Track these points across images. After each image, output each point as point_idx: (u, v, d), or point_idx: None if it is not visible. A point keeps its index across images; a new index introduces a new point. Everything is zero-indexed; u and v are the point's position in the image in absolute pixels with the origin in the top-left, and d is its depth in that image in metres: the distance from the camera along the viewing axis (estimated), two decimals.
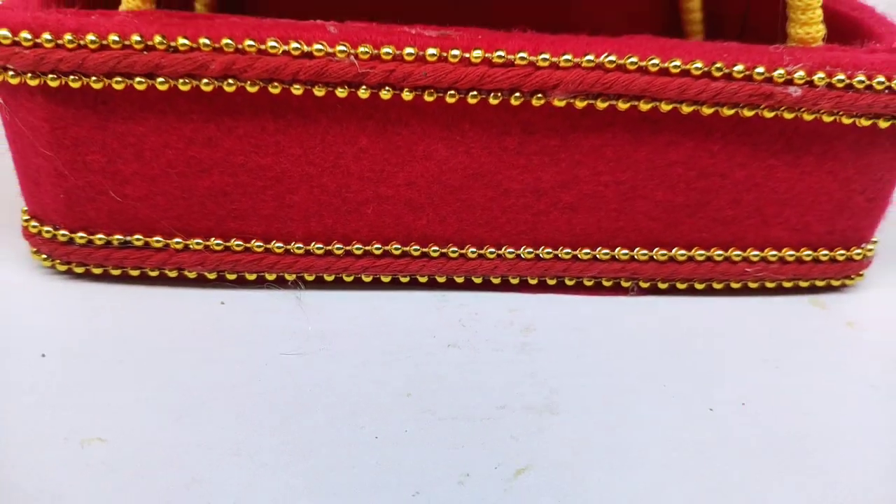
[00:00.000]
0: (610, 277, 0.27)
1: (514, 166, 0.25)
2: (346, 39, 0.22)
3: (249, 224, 0.25)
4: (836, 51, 0.24)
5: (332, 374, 0.23)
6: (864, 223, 0.27)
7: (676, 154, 0.24)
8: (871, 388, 0.24)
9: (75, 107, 0.23)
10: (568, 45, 0.22)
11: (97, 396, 0.22)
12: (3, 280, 0.27)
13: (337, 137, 0.24)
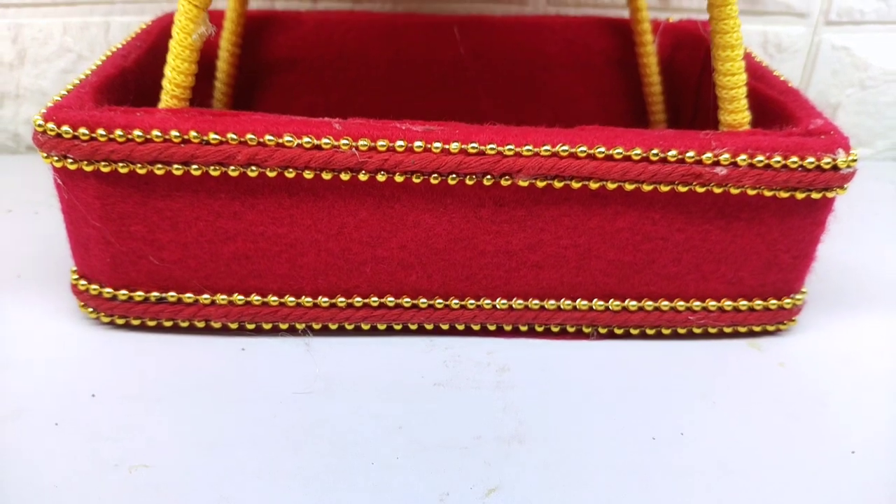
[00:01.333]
0: (573, 324, 0.31)
1: (489, 232, 0.29)
2: (348, 134, 0.27)
3: (266, 282, 0.30)
4: (758, 135, 0.29)
5: (336, 409, 0.28)
6: (792, 277, 0.31)
7: (623, 222, 0.29)
8: (795, 421, 0.29)
9: (122, 187, 0.28)
10: (529, 137, 0.27)
11: (141, 429, 0.27)
12: (55, 330, 0.32)
13: (341, 210, 0.29)
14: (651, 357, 0.31)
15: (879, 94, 0.50)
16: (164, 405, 0.28)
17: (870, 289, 0.37)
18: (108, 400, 0.28)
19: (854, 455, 0.27)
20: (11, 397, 0.28)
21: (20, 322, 0.32)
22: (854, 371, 0.31)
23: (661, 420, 0.28)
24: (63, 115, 0.27)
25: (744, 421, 0.28)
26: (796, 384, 0.30)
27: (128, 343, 0.31)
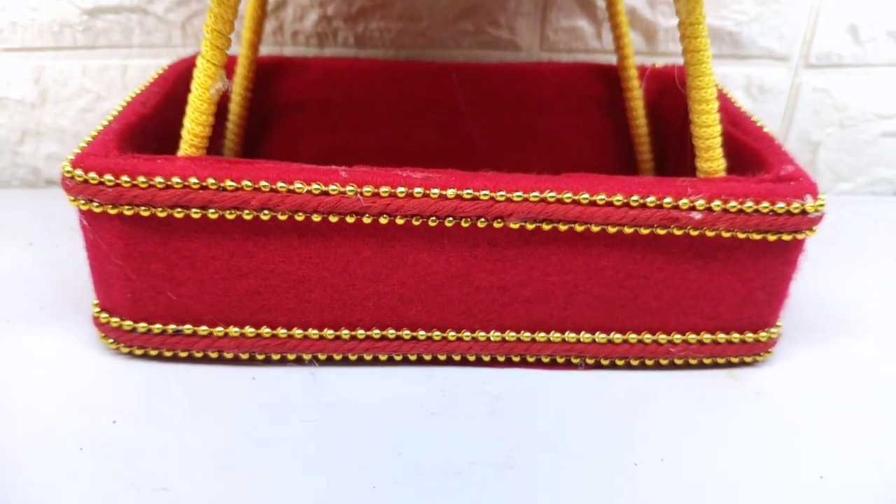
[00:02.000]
0: (562, 356, 0.34)
1: (483, 270, 0.32)
2: (353, 181, 0.29)
3: (276, 316, 0.32)
4: (732, 181, 0.31)
5: (340, 435, 0.30)
6: (766, 312, 0.34)
7: (607, 261, 0.31)
8: (769, 448, 0.31)
9: (143, 229, 0.31)
10: (519, 184, 0.30)
11: (159, 453, 0.29)
12: (78, 359, 0.34)
13: (346, 250, 0.31)
14: (635, 386, 0.33)
15: (858, 133, 0.52)
16: (181, 431, 0.30)
17: (845, 321, 0.39)
18: (129, 425, 0.30)
19: (822, 480, 0.29)
20: (38, 422, 0.30)
21: (44, 351, 0.34)
22: (826, 400, 0.33)
23: (644, 446, 0.30)
24: (90, 162, 0.30)
25: (721, 447, 0.30)
26: (771, 413, 0.33)
27: (146, 372, 0.33)
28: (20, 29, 0.46)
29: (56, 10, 0.46)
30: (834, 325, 0.39)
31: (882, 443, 0.31)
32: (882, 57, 0.50)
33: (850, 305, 0.41)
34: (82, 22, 0.46)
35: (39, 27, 0.46)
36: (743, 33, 0.48)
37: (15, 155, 0.50)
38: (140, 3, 0.46)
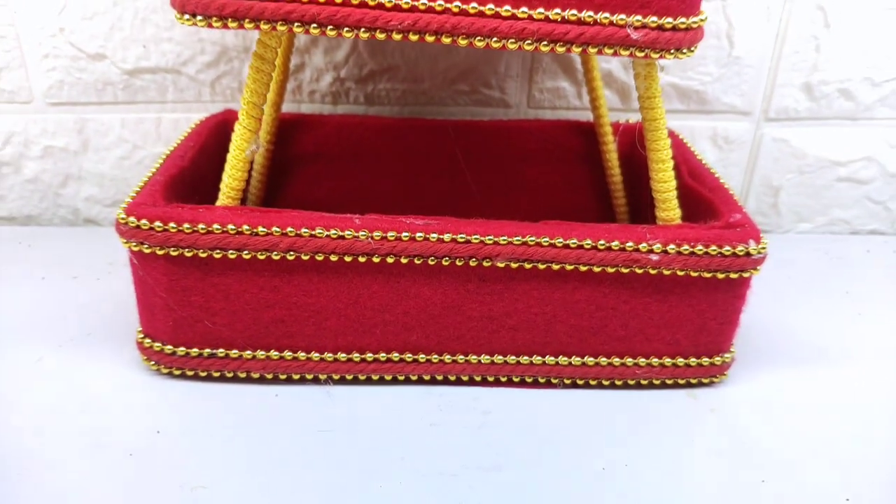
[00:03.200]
0: (543, 376, 0.39)
1: (474, 301, 0.37)
2: (365, 227, 0.35)
3: (297, 341, 0.38)
4: (686, 228, 0.37)
5: (352, 443, 0.35)
6: (720, 339, 0.39)
7: (580, 295, 0.37)
8: (721, 456, 0.36)
9: (186, 267, 0.36)
10: (505, 230, 0.35)
11: (197, 457, 0.34)
12: (123, 379, 0.39)
13: (357, 285, 0.36)
14: (605, 403, 0.39)
15: (815, 178, 0.58)
16: (215, 439, 0.35)
17: (797, 347, 0.44)
18: (171, 435, 0.35)
19: (764, 483, 0.34)
20: (93, 434, 0.35)
21: (94, 373, 0.39)
22: (772, 416, 0.38)
23: (611, 453, 0.35)
24: (141, 211, 0.35)
25: (679, 455, 0.35)
26: (724, 427, 0.38)
27: (184, 390, 0.38)
28: (67, 86, 0.52)
29: (100, 70, 0.52)
30: (786, 351, 0.44)
31: (819, 451, 0.36)
32: (834, 111, 0.56)
33: (802, 333, 0.46)
34: (123, 81, 0.52)
35: (85, 85, 0.52)
36: (708, 92, 0.54)
37: (57, 196, 0.56)
38: (174, 64, 0.52)
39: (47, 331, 0.43)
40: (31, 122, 0.53)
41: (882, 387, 0.41)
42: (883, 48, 0.54)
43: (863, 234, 0.61)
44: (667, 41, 0.31)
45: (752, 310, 0.47)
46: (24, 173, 0.55)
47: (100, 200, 0.56)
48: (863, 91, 0.55)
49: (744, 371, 0.42)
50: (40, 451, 0.34)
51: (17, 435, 0.35)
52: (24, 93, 0.52)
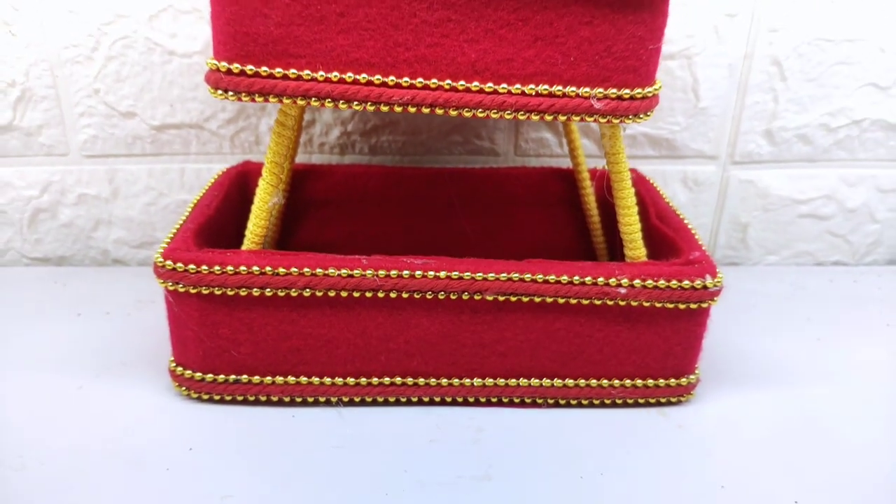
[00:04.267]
0: (529, 397, 0.44)
1: (468, 331, 0.42)
2: (371, 266, 0.40)
3: (311, 367, 0.43)
4: (650, 265, 0.42)
5: (360, 458, 0.40)
6: (685, 362, 0.44)
7: (560, 324, 0.42)
8: (687, 466, 0.40)
9: (215, 304, 0.41)
10: (493, 268, 0.40)
11: (224, 471, 0.39)
12: (157, 403, 0.44)
13: (364, 317, 0.42)
14: (584, 421, 0.43)
15: (780, 215, 0.64)
16: (241, 455, 0.40)
17: (759, 369, 0.49)
18: (202, 452, 0.40)
19: (723, 489, 0.39)
20: (133, 451, 0.40)
21: (130, 399, 0.44)
22: (733, 430, 0.43)
23: (589, 464, 0.40)
24: (176, 255, 0.41)
25: (650, 465, 0.40)
26: (690, 440, 0.42)
27: (212, 412, 0.43)
28: (100, 141, 0.58)
29: (131, 126, 0.58)
30: (749, 372, 0.49)
31: (773, 462, 0.41)
32: (794, 154, 0.62)
33: (764, 356, 0.51)
34: (151, 135, 0.58)
35: (116, 139, 0.58)
36: (677, 139, 0.60)
37: (89, 239, 0.61)
38: (198, 121, 0.58)
39: (86, 361, 0.48)
40: (67, 173, 0.59)
41: (835, 405, 0.46)
42: (835, 98, 0.60)
43: (826, 265, 0.66)
44: (626, 109, 0.37)
45: (718, 335, 0.53)
46: (60, 218, 0.61)
47: (127, 242, 0.62)
48: (819, 136, 0.61)
49: (710, 390, 0.47)
50: (86, 468, 0.39)
51: (63, 454, 0.40)
52: (61, 147, 0.58)
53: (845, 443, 0.42)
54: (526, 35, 0.35)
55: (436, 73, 0.36)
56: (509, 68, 0.36)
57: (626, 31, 0.35)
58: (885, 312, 0.58)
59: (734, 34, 0.57)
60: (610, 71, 0.36)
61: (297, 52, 0.35)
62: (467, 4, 0.34)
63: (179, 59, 0.55)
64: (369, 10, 0.34)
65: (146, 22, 0.54)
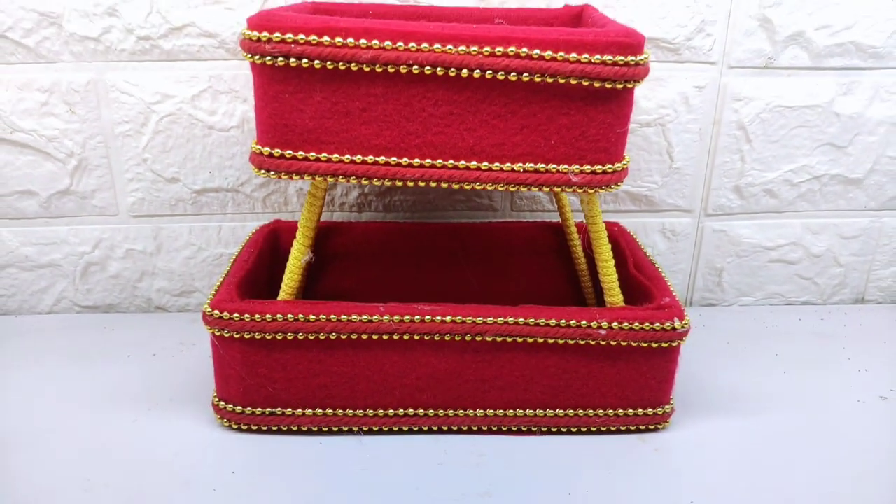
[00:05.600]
0: (524, 425, 0.51)
1: (471, 369, 0.49)
2: (388, 313, 0.47)
3: (336, 401, 0.50)
4: (626, 309, 0.49)
5: (380, 479, 0.46)
6: (660, 394, 0.51)
7: (550, 362, 0.49)
8: (661, 485, 0.47)
9: (255, 346, 0.48)
10: (491, 312, 0.47)
11: (264, 491, 0.45)
12: (202, 433, 0.51)
13: (382, 357, 0.49)
14: (572, 446, 0.50)
15: (751, 261, 0.71)
16: (276, 476, 0.47)
17: (727, 399, 0.56)
18: (243, 474, 0.47)
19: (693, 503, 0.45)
20: (183, 474, 0.47)
21: (179, 430, 0.51)
22: (704, 454, 0.50)
23: (577, 484, 0.46)
24: (222, 306, 0.48)
25: (630, 484, 0.47)
26: (666, 463, 0.49)
27: (251, 441, 0.50)
28: (146, 203, 0.66)
29: (174, 190, 0.66)
30: (720, 402, 0.55)
31: (740, 482, 0.47)
32: (762, 206, 0.69)
33: (734, 388, 0.57)
34: (192, 198, 0.66)
35: (161, 202, 0.66)
36: (655, 196, 0.68)
37: (134, 289, 0.69)
38: (233, 185, 0.66)
39: (138, 398, 0.55)
40: (117, 231, 0.67)
41: (797, 432, 0.52)
42: (796, 157, 0.67)
43: (797, 305, 0.73)
44: (599, 181, 0.44)
45: (694, 369, 0.60)
46: (109, 271, 0.68)
47: (169, 291, 0.69)
48: (784, 190, 0.69)
49: (684, 419, 0.53)
50: (144, 488, 0.46)
51: (123, 477, 0.47)
52: (112, 208, 0.66)
53: (807, 465, 0.49)
54: (514, 124, 0.43)
55: (441, 156, 0.43)
56: (501, 150, 0.43)
57: (597, 119, 0.43)
58: (847, 347, 0.65)
59: (703, 104, 0.65)
60: (585, 151, 0.44)
61: (327, 139, 0.43)
62: (466, 101, 0.42)
63: (218, 132, 0.64)
64: (386, 107, 0.42)
65: (189, 101, 0.63)
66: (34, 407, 0.54)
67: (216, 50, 0.61)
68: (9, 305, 0.69)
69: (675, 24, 0.62)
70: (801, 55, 0.64)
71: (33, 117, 0.62)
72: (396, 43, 0.41)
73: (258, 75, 0.43)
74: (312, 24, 0.41)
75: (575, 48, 0.41)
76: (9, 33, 0.60)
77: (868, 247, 0.72)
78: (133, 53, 0.61)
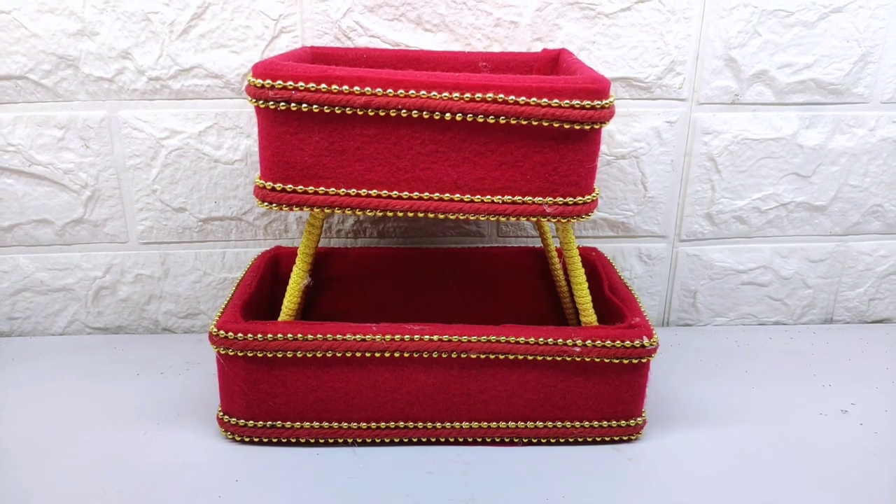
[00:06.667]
0: (507, 437, 0.54)
1: (457, 384, 0.53)
2: (380, 332, 0.52)
3: (332, 415, 0.54)
4: (599, 328, 0.53)
5: (372, 487, 0.50)
6: (632, 407, 0.55)
7: (530, 377, 0.53)
8: (634, 490, 0.51)
9: (257, 364, 0.53)
10: (475, 332, 0.52)
11: (266, 497, 0.49)
12: (208, 445, 0.55)
13: (374, 373, 0.53)
14: (551, 455, 0.54)
15: (724, 283, 0.75)
16: (276, 484, 0.50)
17: (697, 413, 0.60)
18: (246, 482, 0.51)
19: None
20: (191, 482, 0.51)
21: (187, 442, 0.55)
22: (675, 463, 0.54)
23: (555, 490, 0.50)
24: (227, 326, 0.52)
25: (605, 490, 0.50)
26: (639, 471, 0.53)
27: (253, 452, 0.54)
28: (155, 231, 0.71)
29: (181, 219, 0.70)
30: (691, 415, 0.59)
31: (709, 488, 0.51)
32: (732, 232, 0.74)
33: (704, 402, 0.61)
34: (198, 226, 0.71)
35: (169, 230, 0.70)
36: (631, 222, 0.73)
37: (142, 311, 0.73)
38: (237, 214, 0.70)
39: (147, 413, 0.59)
40: (126, 257, 0.71)
41: (762, 442, 0.56)
42: (764, 186, 0.72)
43: (768, 325, 0.77)
44: (570, 212, 0.49)
45: (667, 385, 0.64)
46: (119, 294, 0.72)
47: (175, 314, 0.73)
48: (753, 217, 0.73)
49: (657, 430, 0.57)
50: (154, 495, 0.49)
51: (135, 486, 0.50)
52: (122, 236, 0.71)
53: (770, 473, 0.53)
54: (493, 161, 0.48)
55: (428, 189, 0.48)
56: (482, 184, 0.48)
57: (568, 157, 0.48)
58: (813, 364, 0.69)
59: (674, 137, 0.70)
60: (557, 185, 0.48)
61: (324, 175, 0.48)
62: (449, 140, 0.47)
63: (223, 165, 0.68)
64: (378, 146, 0.47)
65: (196, 136, 0.68)
66: (50, 421, 0.58)
67: (222, 90, 0.66)
68: (24, 327, 0.73)
69: (647, 64, 0.67)
70: (765, 92, 0.69)
71: (50, 151, 0.67)
72: (387, 90, 0.45)
73: (262, 118, 0.48)
74: (311, 73, 0.46)
75: (546, 94, 0.46)
76: (30, 74, 0.65)
77: (834, 269, 0.76)
78: (144, 93, 0.66)
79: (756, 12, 0.66)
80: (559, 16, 0.65)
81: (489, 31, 0.65)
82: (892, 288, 0.78)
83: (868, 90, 0.70)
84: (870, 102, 0.70)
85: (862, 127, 0.71)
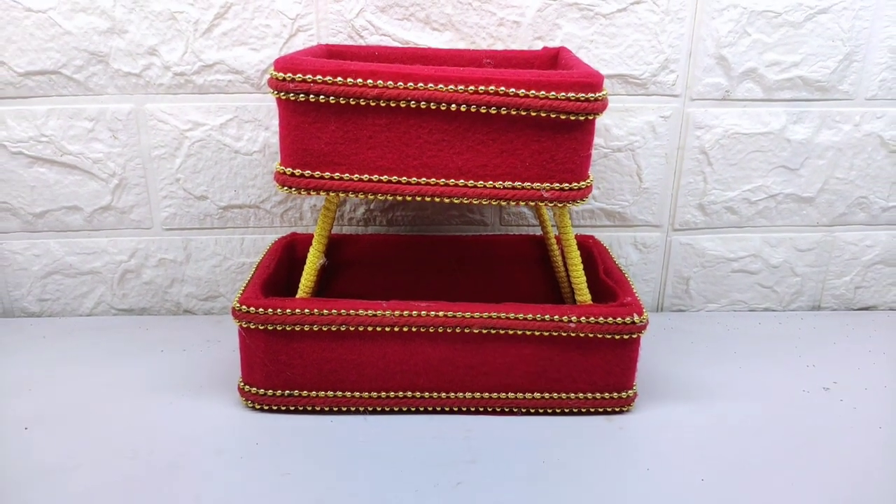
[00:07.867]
0: (507, 407, 0.59)
1: (461, 356, 0.57)
2: (390, 308, 0.56)
3: (345, 385, 0.58)
4: (593, 307, 0.57)
5: (381, 450, 0.54)
6: (624, 380, 0.59)
7: (528, 351, 0.57)
8: (625, 457, 0.55)
9: (276, 337, 0.57)
10: (478, 308, 0.56)
11: (283, 459, 0.53)
12: (230, 413, 0.59)
13: (385, 347, 0.57)
14: (549, 424, 0.58)
15: (715, 271, 0.79)
16: (294, 448, 0.55)
17: (685, 388, 0.64)
18: (265, 446, 0.55)
19: (649, 471, 0.53)
20: (215, 445, 0.55)
21: (211, 410, 0.59)
22: (663, 432, 0.58)
23: (551, 455, 0.54)
24: (249, 302, 0.57)
25: (597, 456, 0.54)
26: (628, 439, 0.57)
27: (272, 419, 0.58)
28: (178, 217, 0.75)
29: (203, 206, 0.75)
30: (679, 391, 0.63)
31: (695, 454, 0.55)
32: (724, 222, 0.78)
33: (692, 379, 0.65)
34: (218, 213, 0.75)
35: (191, 216, 0.75)
36: (627, 212, 0.77)
37: (165, 294, 0.78)
38: (255, 202, 0.75)
39: (172, 385, 0.63)
40: (151, 242, 0.76)
41: (746, 414, 0.60)
42: (753, 178, 0.76)
43: (758, 311, 0.81)
44: (566, 197, 0.53)
45: (659, 364, 0.68)
46: (143, 277, 0.77)
47: (196, 296, 0.78)
48: (743, 207, 0.77)
49: (647, 403, 0.61)
50: (181, 458, 0.54)
51: (164, 448, 0.55)
52: (147, 222, 0.75)
53: (752, 441, 0.57)
54: (495, 149, 0.52)
55: (434, 175, 0.52)
56: (485, 171, 0.52)
57: (564, 146, 0.52)
58: (799, 347, 0.73)
59: (668, 131, 0.74)
60: (554, 172, 0.52)
61: (339, 161, 0.52)
62: (455, 130, 0.51)
63: (243, 156, 0.73)
64: (389, 135, 0.51)
65: (217, 128, 0.72)
66: (81, 393, 0.62)
67: (242, 84, 0.71)
68: (54, 308, 0.78)
69: (643, 62, 0.71)
70: (754, 89, 0.73)
71: (81, 142, 0.72)
72: (397, 83, 0.50)
73: (282, 108, 0.52)
74: (328, 67, 0.50)
75: (544, 87, 0.50)
76: (63, 69, 0.69)
77: (822, 259, 0.80)
78: (169, 87, 0.70)
79: (745, 13, 0.70)
80: (559, 16, 0.69)
81: (493, 31, 0.69)
82: (878, 277, 0.81)
83: (853, 87, 0.74)
84: (854, 99, 0.74)
85: (847, 122, 0.75)
